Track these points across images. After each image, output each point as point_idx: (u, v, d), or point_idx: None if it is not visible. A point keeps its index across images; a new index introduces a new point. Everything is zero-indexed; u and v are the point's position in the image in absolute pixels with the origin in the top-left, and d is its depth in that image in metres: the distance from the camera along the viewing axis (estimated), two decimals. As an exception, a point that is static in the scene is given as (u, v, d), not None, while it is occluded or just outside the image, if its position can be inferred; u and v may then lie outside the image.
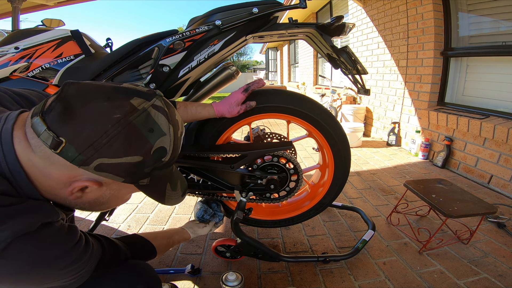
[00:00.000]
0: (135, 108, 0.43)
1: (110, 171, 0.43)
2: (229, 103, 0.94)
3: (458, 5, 2.34)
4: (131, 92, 0.45)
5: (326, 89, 4.44)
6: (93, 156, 0.40)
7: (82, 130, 0.40)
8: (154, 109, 0.46)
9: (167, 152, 0.47)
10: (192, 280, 1.09)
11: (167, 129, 0.46)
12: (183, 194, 0.61)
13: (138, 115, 0.43)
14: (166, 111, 0.47)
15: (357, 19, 3.79)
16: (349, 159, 1.12)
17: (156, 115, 0.45)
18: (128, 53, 0.97)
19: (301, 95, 1.06)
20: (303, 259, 1.16)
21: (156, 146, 0.45)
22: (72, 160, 0.40)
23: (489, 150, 2.00)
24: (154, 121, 0.45)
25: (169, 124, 0.47)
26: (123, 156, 0.42)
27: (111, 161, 0.42)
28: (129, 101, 0.43)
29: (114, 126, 0.40)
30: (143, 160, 0.44)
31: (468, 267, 1.15)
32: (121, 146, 0.41)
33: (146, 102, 0.45)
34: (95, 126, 0.40)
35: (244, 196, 1.03)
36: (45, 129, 0.39)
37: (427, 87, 2.57)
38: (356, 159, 2.66)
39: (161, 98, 0.49)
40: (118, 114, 0.41)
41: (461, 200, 1.26)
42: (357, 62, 1.02)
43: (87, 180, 0.44)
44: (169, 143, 0.47)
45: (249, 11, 0.93)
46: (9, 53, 0.95)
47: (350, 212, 1.60)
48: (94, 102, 0.42)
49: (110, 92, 0.44)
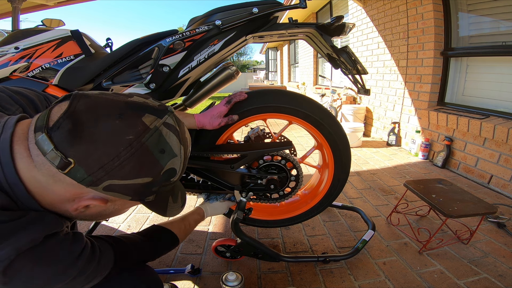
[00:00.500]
0: (147, 128, 0.41)
1: (118, 191, 0.42)
2: (211, 115, 0.94)
3: (458, 5, 2.34)
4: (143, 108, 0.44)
5: (326, 89, 4.44)
6: (103, 178, 0.39)
7: (93, 152, 0.38)
8: (166, 128, 0.44)
9: (177, 173, 0.47)
10: (192, 280, 1.09)
11: (178, 150, 0.45)
12: (183, 205, 0.61)
13: (151, 135, 0.41)
14: (177, 130, 0.46)
15: (357, 19, 3.79)
16: (349, 159, 1.12)
17: (168, 135, 0.44)
18: (128, 53, 0.97)
19: (301, 95, 1.06)
20: (303, 259, 1.16)
21: (166, 168, 0.44)
22: (81, 181, 0.39)
23: (489, 150, 2.00)
24: (166, 142, 0.44)
25: (180, 144, 0.46)
26: (134, 178, 0.41)
27: (122, 182, 0.40)
28: (141, 119, 0.42)
29: (127, 149, 0.39)
30: (153, 181, 0.44)
31: (468, 267, 1.15)
32: (133, 168, 0.40)
33: (158, 120, 0.43)
34: (106, 148, 0.38)
35: (244, 196, 1.03)
36: (52, 149, 0.37)
37: (427, 87, 2.57)
38: (356, 159, 2.66)
39: (173, 115, 0.47)
40: (131, 136, 0.40)
41: (461, 200, 1.26)
42: (357, 62, 1.02)
43: (92, 199, 0.43)
44: (179, 164, 0.47)
45: (249, 11, 0.93)
46: (9, 53, 0.95)
47: (350, 212, 1.60)
48: (105, 119, 0.40)
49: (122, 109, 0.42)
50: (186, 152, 0.48)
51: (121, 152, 0.39)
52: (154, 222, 1.50)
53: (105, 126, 0.39)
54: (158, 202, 0.51)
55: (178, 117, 0.49)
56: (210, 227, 1.48)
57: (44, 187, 0.41)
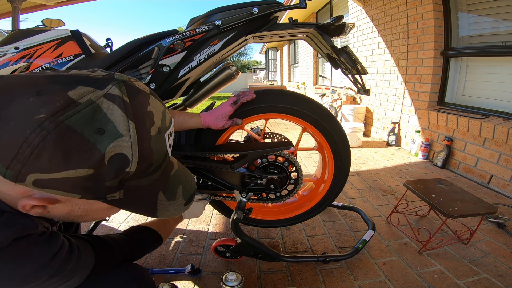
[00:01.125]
0: (73, 102, 0.32)
1: (55, 187, 0.33)
2: (216, 115, 0.93)
3: (458, 5, 2.34)
4: (75, 81, 0.34)
5: (326, 89, 4.44)
6: (22, 171, 0.31)
7: (2, 139, 0.31)
8: (108, 100, 0.34)
9: (130, 161, 0.35)
10: (192, 280, 1.09)
11: (125, 128, 0.35)
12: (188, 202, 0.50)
13: (76, 112, 0.32)
14: (125, 101, 0.36)
15: (357, 19, 3.79)
16: (349, 159, 1.12)
17: (110, 109, 0.34)
18: (128, 53, 0.97)
19: (301, 95, 1.06)
20: (303, 259, 1.16)
21: (109, 154, 0.34)
22: (4, 175, 0.31)
23: (489, 150, 2.00)
24: (106, 118, 0.34)
25: (128, 120, 0.35)
26: (61, 170, 0.32)
27: (48, 176, 0.32)
28: (66, 93, 0.33)
29: (35, 132, 0.30)
30: (96, 172, 0.34)
31: (468, 267, 1.15)
32: (53, 157, 0.31)
33: (95, 92, 0.34)
34: (14, 133, 0.30)
35: (244, 196, 1.03)
36: None
37: (427, 87, 2.57)
38: (356, 159, 2.66)
39: (122, 84, 0.37)
40: (43, 114, 0.31)
41: (461, 200, 1.26)
42: (357, 62, 1.02)
43: (36, 199, 0.36)
44: (130, 148, 0.35)
45: (249, 11, 0.93)
46: (9, 53, 0.95)
47: (350, 212, 1.60)
48: (19, 99, 0.32)
49: (43, 84, 0.33)
50: (142, 131, 0.37)
51: (29, 136, 0.30)
52: None
53: (16, 107, 0.31)
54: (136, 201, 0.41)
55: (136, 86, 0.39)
56: (210, 227, 1.48)
57: None
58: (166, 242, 1.33)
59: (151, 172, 0.40)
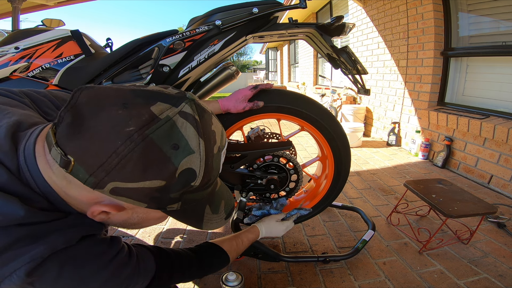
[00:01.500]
0: (155, 117, 0.35)
1: (128, 195, 0.36)
2: (236, 98, 0.92)
3: (458, 5, 2.34)
4: (155, 96, 0.37)
5: (326, 89, 4.44)
6: (104, 179, 0.34)
7: (91, 148, 0.33)
8: (182, 118, 0.37)
9: (197, 175, 0.38)
10: (192, 280, 1.09)
11: (197, 146, 0.37)
12: (228, 216, 0.52)
13: (158, 126, 0.34)
14: (196, 120, 0.38)
15: (357, 19, 3.79)
16: (349, 159, 1.12)
17: (184, 126, 0.36)
18: (128, 53, 0.97)
19: (301, 95, 1.06)
20: (303, 259, 1.16)
21: (181, 168, 0.36)
22: (84, 181, 0.34)
23: (489, 150, 2.00)
24: (180, 134, 0.36)
25: (199, 138, 0.38)
26: (140, 181, 0.34)
27: (127, 185, 0.34)
28: (149, 108, 0.35)
29: (126, 143, 0.33)
30: (167, 185, 0.36)
31: (468, 267, 1.15)
32: (136, 168, 0.34)
33: (172, 109, 0.36)
34: (104, 143, 0.33)
35: (244, 196, 1.03)
36: (53, 145, 0.34)
37: (427, 87, 2.57)
38: (356, 159, 2.66)
39: (193, 103, 0.39)
40: (132, 127, 0.33)
41: (461, 200, 1.26)
42: (357, 62, 1.02)
43: (105, 205, 0.38)
44: (199, 164, 0.38)
45: (249, 11, 0.93)
46: (9, 53, 0.95)
47: (350, 212, 1.60)
48: (107, 110, 0.34)
49: (128, 98, 0.36)
50: (209, 149, 0.39)
51: (119, 147, 0.32)
52: (165, 226, 1.50)
53: (106, 117, 0.34)
54: (188, 212, 0.44)
55: (202, 106, 0.41)
56: (210, 227, 1.47)
57: (63, 190, 0.39)
58: (166, 242, 1.33)
59: (207, 187, 0.43)
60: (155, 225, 0.55)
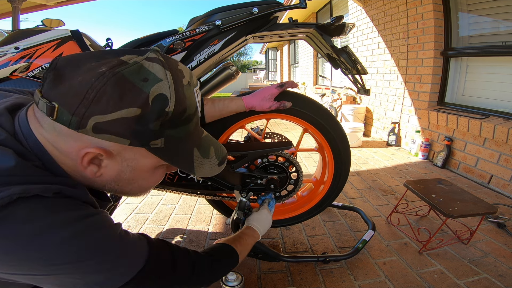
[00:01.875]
0: (124, 62, 0.41)
1: (109, 131, 0.39)
2: (262, 96, 0.91)
3: (458, 5, 2.34)
4: (123, 51, 0.43)
5: (326, 89, 4.44)
6: (85, 115, 0.38)
7: (70, 90, 0.38)
8: (148, 61, 0.42)
9: (169, 100, 0.42)
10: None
11: (163, 75, 0.42)
12: (221, 163, 0.54)
13: (127, 67, 0.40)
14: (161, 60, 0.44)
15: (357, 19, 3.79)
16: (349, 159, 1.12)
17: (151, 66, 0.42)
18: (128, 53, 0.97)
19: (301, 95, 1.06)
20: (303, 259, 1.16)
21: (152, 95, 0.40)
22: (69, 124, 0.38)
23: (489, 150, 2.00)
24: (148, 71, 0.41)
25: (165, 70, 0.43)
26: (116, 110, 0.39)
27: (106, 117, 0.38)
28: (119, 57, 0.41)
29: (99, 79, 0.38)
30: (142, 113, 0.40)
31: (468, 267, 1.15)
32: (111, 98, 0.38)
33: (138, 57, 0.42)
34: (81, 83, 0.38)
35: (244, 196, 1.03)
36: (40, 98, 0.39)
37: (427, 87, 2.57)
38: (356, 159, 2.66)
39: (157, 52, 0.45)
40: (104, 68, 0.39)
41: (461, 200, 1.26)
42: (357, 62, 1.02)
43: (92, 147, 0.41)
44: (168, 89, 0.42)
45: (249, 11, 0.93)
46: (9, 53, 0.95)
47: (350, 212, 1.60)
48: (83, 65, 0.40)
49: (100, 54, 0.42)
50: (177, 79, 0.44)
51: (94, 83, 0.38)
52: (154, 222, 1.50)
53: (82, 69, 0.40)
54: (174, 152, 0.46)
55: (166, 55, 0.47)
56: (210, 227, 1.48)
57: (54, 147, 0.42)
58: (166, 242, 1.33)
59: (185, 121, 0.46)
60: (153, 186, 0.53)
